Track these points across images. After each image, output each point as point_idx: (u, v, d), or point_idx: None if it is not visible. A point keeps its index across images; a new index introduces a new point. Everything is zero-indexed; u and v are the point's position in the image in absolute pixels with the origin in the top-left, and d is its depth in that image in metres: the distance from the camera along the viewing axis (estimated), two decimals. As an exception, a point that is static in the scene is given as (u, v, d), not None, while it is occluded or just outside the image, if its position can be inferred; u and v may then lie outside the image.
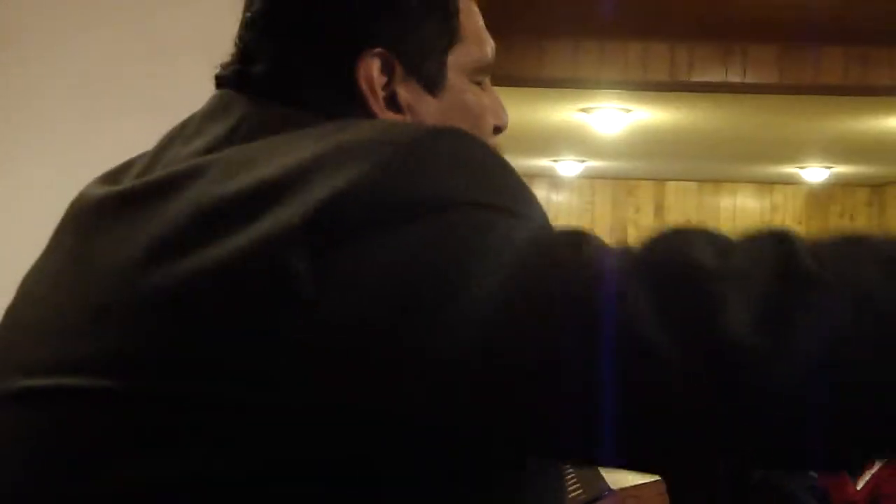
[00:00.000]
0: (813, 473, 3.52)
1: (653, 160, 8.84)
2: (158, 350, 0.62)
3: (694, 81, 4.79)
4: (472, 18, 0.86)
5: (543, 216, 0.69)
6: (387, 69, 0.80)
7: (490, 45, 0.87)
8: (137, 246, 0.66)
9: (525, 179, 0.69)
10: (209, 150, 0.72)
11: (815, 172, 9.13)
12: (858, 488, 3.42)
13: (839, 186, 9.96)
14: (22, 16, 2.65)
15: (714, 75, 4.75)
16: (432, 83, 0.82)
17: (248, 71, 0.80)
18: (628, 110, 6.56)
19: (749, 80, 4.75)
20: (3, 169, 2.63)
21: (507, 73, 4.80)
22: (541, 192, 9.80)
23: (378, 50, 0.79)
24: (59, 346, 0.67)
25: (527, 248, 0.61)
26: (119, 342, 0.64)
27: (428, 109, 0.82)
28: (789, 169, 9.17)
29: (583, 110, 6.54)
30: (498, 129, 0.88)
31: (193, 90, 0.87)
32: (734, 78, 4.73)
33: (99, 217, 0.72)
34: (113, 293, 0.65)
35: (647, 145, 7.93)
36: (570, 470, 1.64)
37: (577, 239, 0.62)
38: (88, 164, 0.79)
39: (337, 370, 0.60)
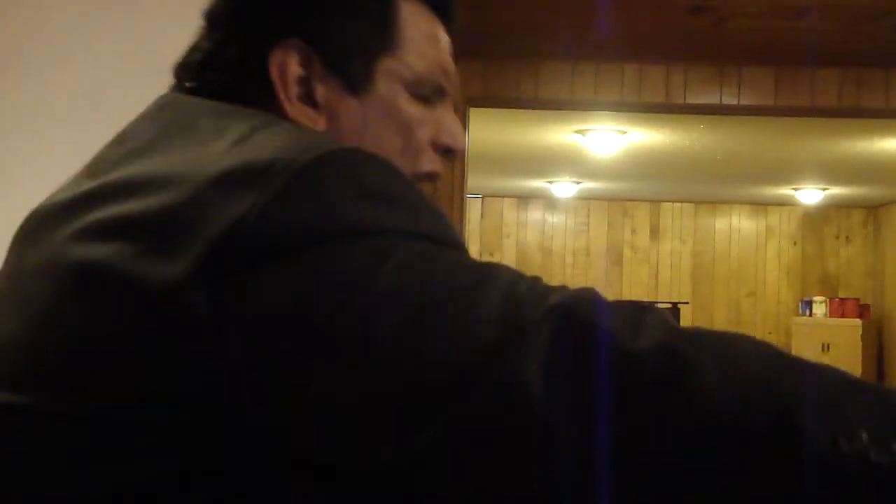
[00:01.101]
0: None
1: (648, 182, 8.85)
2: (66, 368, 0.63)
3: (689, 103, 4.80)
4: (421, 34, 0.83)
5: (452, 233, 0.67)
6: (305, 63, 0.78)
7: (442, 67, 0.85)
8: (49, 264, 0.66)
9: (521, 200, 0.68)
10: (139, 153, 0.71)
11: (810, 194, 9.15)
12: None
13: (834, 208, 9.98)
14: (19, 39, 2.65)
15: (709, 97, 4.76)
16: (355, 85, 0.80)
17: (189, 62, 0.82)
18: (624, 132, 6.57)
19: (744, 102, 4.76)
20: (1, 191, 2.63)
21: (504, 96, 4.82)
22: (536, 214, 9.81)
23: (296, 42, 0.78)
24: None
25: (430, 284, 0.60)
26: (32, 357, 0.65)
27: (348, 111, 0.79)
28: (784, 190, 9.19)
29: (578, 132, 6.55)
30: (449, 151, 0.86)
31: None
32: (729, 100, 4.75)
33: (29, 230, 0.72)
34: (32, 306, 0.66)
35: (642, 167, 7.95)
36: None
37: (484, 276, 0.62)
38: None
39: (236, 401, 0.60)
